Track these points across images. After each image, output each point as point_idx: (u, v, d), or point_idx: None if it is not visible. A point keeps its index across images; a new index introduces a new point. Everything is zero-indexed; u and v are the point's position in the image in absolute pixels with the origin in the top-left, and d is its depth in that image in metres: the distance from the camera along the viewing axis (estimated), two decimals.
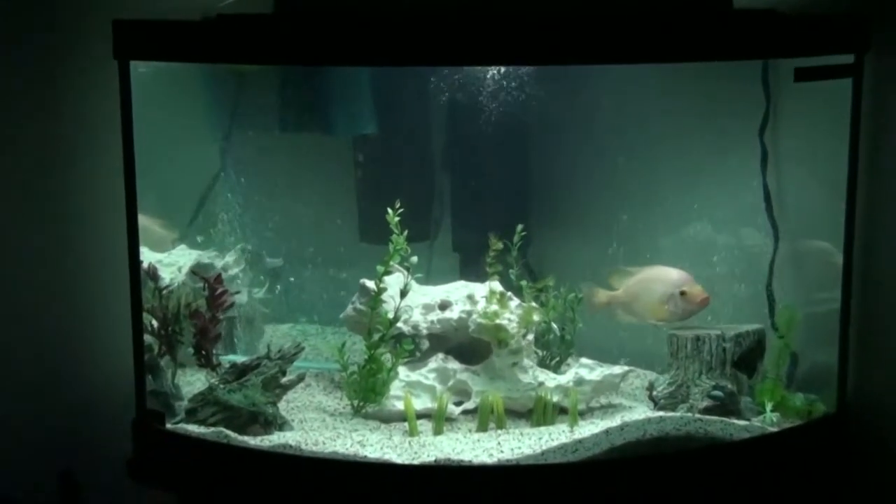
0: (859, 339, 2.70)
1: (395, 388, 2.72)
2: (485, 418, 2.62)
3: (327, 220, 3.05)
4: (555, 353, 2.86)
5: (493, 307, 2.74)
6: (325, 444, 2.47)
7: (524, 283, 2.79)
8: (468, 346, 2.81)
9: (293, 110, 3.00)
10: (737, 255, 2.84)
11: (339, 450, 2.45)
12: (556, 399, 2.66)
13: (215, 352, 2.73)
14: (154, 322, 2.69)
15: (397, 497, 2.41)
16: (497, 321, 2.73)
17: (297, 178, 3.04)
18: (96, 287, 3.02)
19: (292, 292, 3.13)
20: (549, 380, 2.74)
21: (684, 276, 2.72)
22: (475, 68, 2.77)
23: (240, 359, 2.75)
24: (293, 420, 2.65)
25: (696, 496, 2.50)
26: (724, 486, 2.52)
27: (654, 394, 2.70)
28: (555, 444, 2.44)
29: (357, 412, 2.73)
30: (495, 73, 2.78)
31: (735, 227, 2.85)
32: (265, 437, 2.53)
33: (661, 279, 2.74)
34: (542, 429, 2.58)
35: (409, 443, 2.50)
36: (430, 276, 2.89)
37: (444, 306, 2.82)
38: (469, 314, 2.78)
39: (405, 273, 2.73)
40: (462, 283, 2.86)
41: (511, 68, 2.76)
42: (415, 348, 2.76)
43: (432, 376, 2.76)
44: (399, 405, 2.69)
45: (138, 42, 2.53)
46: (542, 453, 2.42)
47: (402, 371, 2.75)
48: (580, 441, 2.43)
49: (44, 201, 3.05)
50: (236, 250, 3.04)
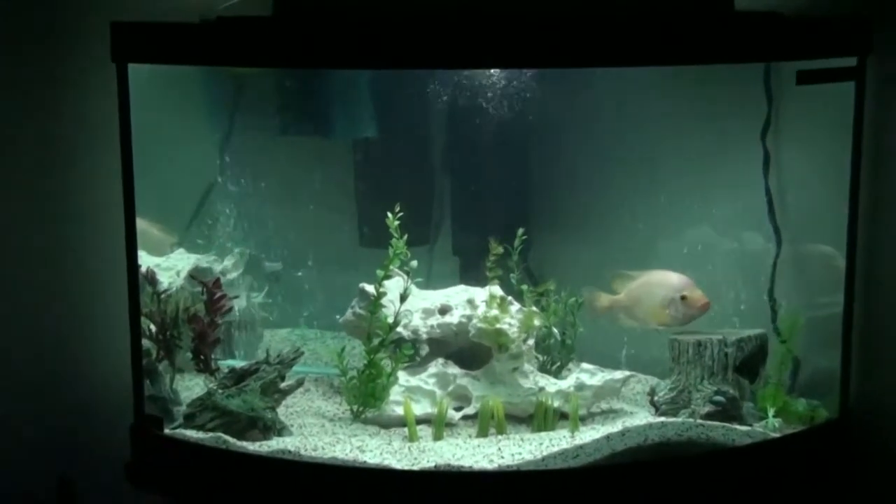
0: (862, 343, 2.70)
1: (395, 393, 2.72)
2: (485, 423, 2.61)
3: (326, 224, 3.05)
4: (556, 357, 2.85)
5: (494, 312, 2.73)
6: (324, 449, 2.47)
7: (525, 287, 2.78)
8: (468, 350, 2.80)
9: (292, 113, 2.99)
10: (739, 259, 2.84)
11: (339, 455, 2.44)
12: (556, 404, 2.65)
13: (214, 356, 2.74)
14: (152, 326, 2.69)
15: (397, 503, 2.40)
16: (497, 326, 2.72)
17: (297, 182, 3.04)
18: (94, 291, 3.02)
19: (291, 296, 3.12)
20: (550, 385, 2.74)
21: (685, 280, 2.71)
22: (475, 71, 2.77)
23: (238, 363, 2.75)
24: (292, 425, 2.65)
25: (698, 502, 2.49)
26: (726, 493, 2.51)
27: (656, 399, 2.70)
28: (555, 449, 2.43)
29: (356, 417, 2.73)
30: (495, 76, 2.78)
31: (737, 231, 2.84)
32: (264, 442, 2.52)
33: (663, 283, 2.73)
34: (543, 434, 2.58)
35: (409, 448, 2.50)
36: (430, 281, 2.88)
37: (444, 311, 2.82)
38: (469, 319, 2.77)
39: (405, 277, 2.73)
40: (462, 287, 2.85)
41: (511, 71, 2.76)
42: (414, 353, 2.76)
43: (432, 381, 2.75)
44: (399, 410, 2.68)
45: (137, 44, 2.53)
46: (543, 459, 2.41)
47: (402, 376, 2.74)
48: (581, 447, 2.43)
49: (42, 203, 3.04)
50: (235, 254, 3.04)
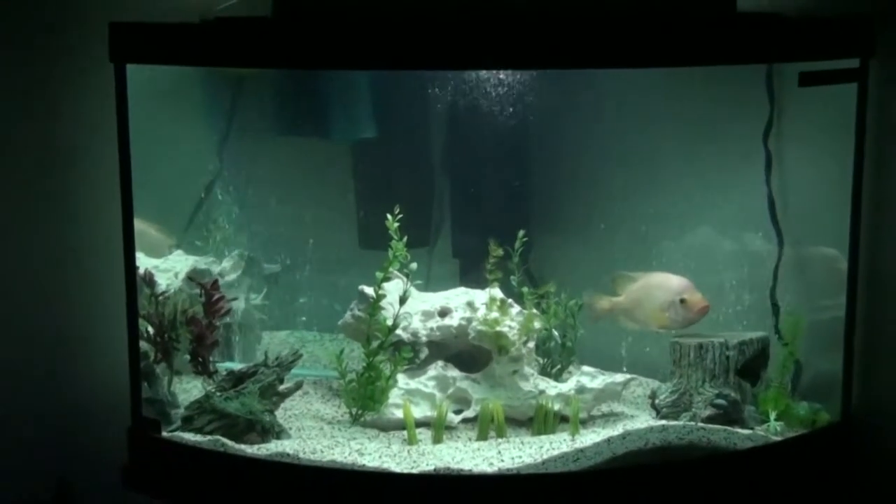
0: (864, 346, 2.69)
1: (394, 396, 2.71)
2: (485, 427, 2.60)
3: (325, 226, 3.04)
4: (556, 360, 2.85)
5: (494, 314, 2.72)
6: (322, 452, 2.46)
7: (525, 289, 2.77)
8: (468, 353, 2.79)
9: (291, 114, 3.00)
10: (740, 262, 2.83)
11: (338, 458, 2.44)
12: (557, 407, 2.65)
13: (212, 359, 2.73)
14: (150, 328, 2.68)
15: None
16: (497, 328, 2.71)
17: (296, 183, 3.04)
18: (92, 292, 3.01)
19: (290, 298, 3.12)
20: (550, 388, 2.73)
21: (685, 283, 2.71)
22: (475, 72, 2.76)
23: (237, 366, 2.74)
24: (291, 428, 2.64)
25: None
26: (728, 497, 2.51)
27: (657, 402, 2.69)
28: (556, 452, 2.43)
29: (355, 420, 2.72)
30: (496, 77, 2.77)
31: (739, 233, 2.84)
32: (262, 445, 2.52)
33: (662, 286, 2.73)
34: (543, 437, 2.57)
35: (408, 451, 2.49)
36: (430, 283, 2.88)
37: (443, 313, 2.81)
38: (469, 321, 2.77)
39: (404, 279, 2.72)
40: (462, 289, 2.84)
41: (512, 72, 2.75)
42: (414, 356, 2.75)
43: (432, 384, 2.74)
44: (398, 413, 2.67)
45: (135, 45, 2.52)
46: (543, 462, 2.41)
47: (401, 379, 2.73)
48: (581, 450, 2.42)
49: (40, 204, 3.03)
50: (233, 256, 3.03)
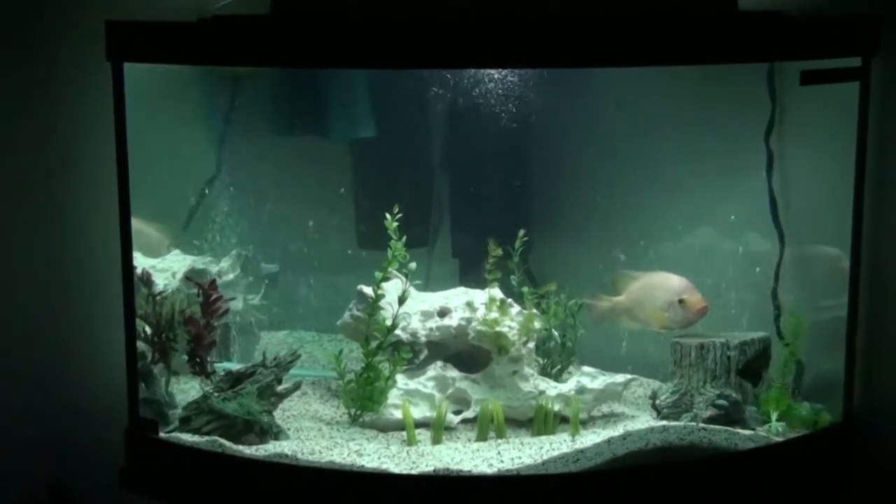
0: (866, 347, 2.68)
1: (393, 397, 2.70)
2: (484, 427, 2.60)
3: (324, 225, 3.03)
4: (556, 360, 2.84)
5: (494, 314, 2.71)
6: (321, 453, 2.46)
7: (525, 289, 2.76)
8: (468, 353, 2.79)
9: (289, 113, 2.99)
10: (742, 261, 2.83)
11: (336, 459, 2.43)
12: (557, 408, 2.64)
13: (210, 359, 2.72)
14: (147, 329, 2.68)
15: None
16: (497, 328, 2.70)
17: (294, 183, 3.03)
18: (89, 292, 3.00)
19: (288, 298, 3.11)
20: (550, 388, 2.73)
21: (684, 283, 2.70)
22: (475, 71, 2.75)
23: (235, 366, 2.74)
24: (289, 429, 2.64)
25: None
26: (729, 498, 2.50)
27: (658, 403, 2.69)
28: (556, 453, 2.43)
29: (354, 421, 2.72)
30: (495, 76, 2.76)
31: (740, 233, 2.84)
32: (260, 446, 2.52)
33: (662, 286, 2.72)
34: (543, 438, 2.57)
35: (408, 452, 2.49)
36: (429, 283, 2.87)
37: (443, 313, 2.81)
38: (469, 321, 2.76)
39: (403, 279, 2.72)
40: (462, 289, 2.84)
41: (512, 71, 2.74)
42: (413, 356, 2.74)
43: (431, 384, 2.74)
44: (397, 414, 2.67)
45: (132, 44, 2.52)
46: (543, 463, 2.40)
47: (401, 379, 2.73)
48: (582, 451, 2.42)
49: (36, 204, 3.02)
50: (231, 255, 3.03)
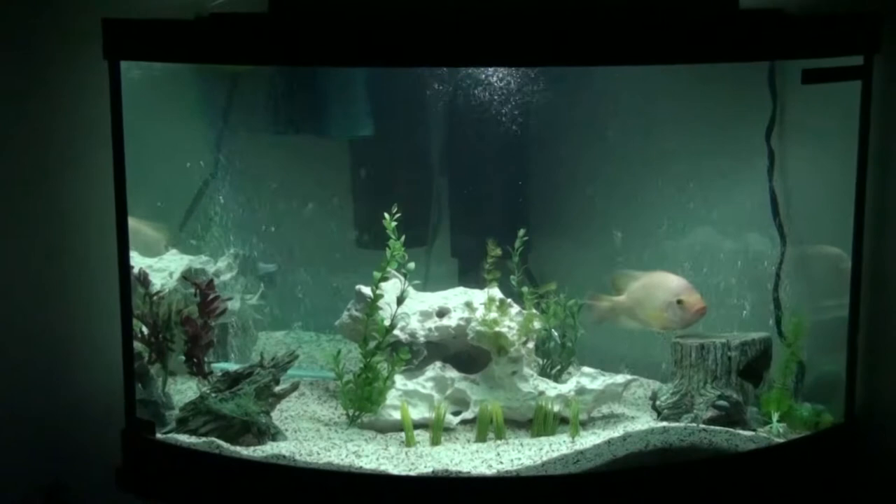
0: (868, 347, 2.68)
1: (392, 398, 2.70)
2: (484, 428, 2.59)
3: (323, 225, 3.03)
4: (556, 361, 2.84)
5: (493, 314, 2.70)
6: (319, 454, 2.45)
7: (525, 289, 2.75)
8: (467, 354, 2.79)
9: (288, 112, 2.98)
10: (743, 261, 2.82)
11: (334, 461, 2.43)
12: (556, 409, 2.64)
13: (207, 359, 2.71)
14: (144, 329, 2.67)
15: None
16: (496, 329, 2.70)
17: (292, 182, 3.03)
18: (85, 292, 2.99)
19: (286, 298, 3.11)
20: (550, 389, 2.72)
21: (683, 284, 2.70)
22: (475, 69, 2.75)
23: (232, 367, 2.74)
24: (287, 430, 2.64)
25: None
26: (730, 499, 2.50)
27: (658, 403, 2.69)
28: (555, 454, 2.42)
29: (352, 422, 2.71)
30: (495, 75, 2.75)
31: (741, 233, 2.84)
32: (258, 447, 2.51)
33: (661, 286, 2.72)
34: (543, 439, 2.56)
35: (406, 453, 2.48)
36: (428, 283, 2.87)
37: (441, 313, 2.81)
38: (468, 321, 2.76)
39: (402, 279, 2.71)
40: (461, 289, 2.84)
41: (512, 70, 2.74)
42: (412, 356, 2.73)
43: (430, 385, 2.73)
44: (395, 415, 2.66)
45: (129, 42, 2.51)
46: (543, 464, 2.40)
47: (399, 380, 2.73)
48: (581, 452, 2.42)
49: (32, 203, 3.01)
50: (229, 255, 3.03)
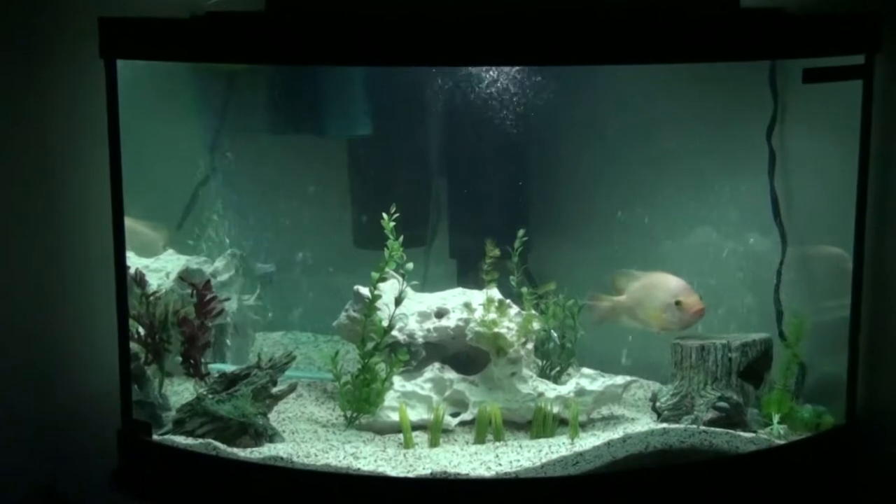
0: (869, 348, 2.67)
1: (390, 399, 2.70)
2: (483, 430, 2.59)
3: (320, 225, 3.03)
4: (555, 362, 2.83)
5: (492, 315, 2.70)
6: (317, 456, 2.45)
7: (524, 289, 2.74)
8: (465, 355, 2.78)
9: (285, 111, 2.98)
10: (743, 262, 2.83)
11: (332, 462, 2.42)
12: (556, 410, 2.64)
13: (204, 360, 2.71)
14: (140, 329, 2.67)
15: None
16: (496, 329, 2.69)
17: (290, 182, 3.03)
18: (81, 293, 2.98)
19: (284, 299, 3.11)
20: (549, 390, 2.72)
21: (682, 285, 2.70)
22: (474, 69, 2.74)
23: (229, 368, 2.74)
24: (284, 431, 2.63)
25: None
26: (730, 501, 2.49)
27: (658, 405, 2.69)
28: (555, 456, 2.42)
29: (350, 423, 2.71)
30: (494, 74, 2.75)
31: (741, 233, 2.83)
32: (255, 449, 2.51)
33: (660, 287, 2.72)
34: (542, 441, 2.56)
35: (404, 455, 2.48)
36: (427, 283, 2.87)
37: (440, 314, 2.80)
38: (466, 322, 2.75)
39: (400, 280, 2.70)
40: (459, 290, 2.84)
41: (511, 69, 2.74)
42: (410, 357, 2.73)
43: (428, 386, 2.73)
44: (394, 416, 2.66)
45: (125, 40, 2.51)
46: (542, 466, 2.40)
47: (397, 381, 2.72)
48: (581, 454, 2.41)
49: (27, 203, 2.99)
50: (226, 255, 3.02)
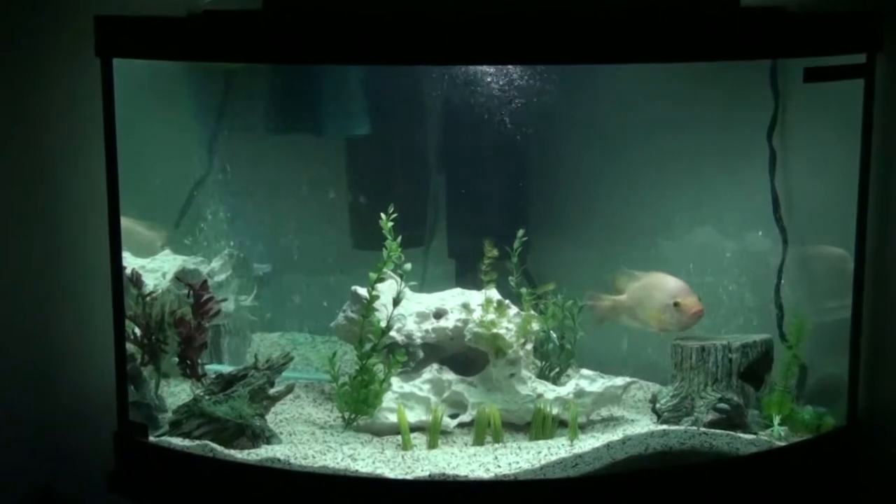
0: (871, 349, 2.67)
1: (388, 400, 2.69)
2: (481, 431, 2.59)
3: (318, 225, 3.03)
4: (554, 363, 2.83)
5: (491, 316, 2.69)
6: (314, 457, 2.45)
7: (524, 290, 2.73)
8: (464, 356, 2.78)
9: (282, 110, 2.98)
10: (744, 262, 2.82)
11: (330, 464, 2.42)
12: (555, 411, 2.63)
13: (200, 361, 2.71)
14: (137, 330, 2.67)
15: None
16: (494, 330, 2.69)
17: (287, 181, 3.02)
18: (77, 293, 2.99)
19: (281, 299, 3.10)
20: (549, 391, 2.71)
21: (681, 286, 2.70)
22: (472, 68, 2.73)
23: (226, 369, 2.74)
24: (282, 433, 2.63)
25: None
26: (730, 503, 2.48)
27: (658, 406, 2.68)
28: (554, 458, 2.42)
29: (348, 425, 2.70)
30: (493, 73, 2.74)
31: (742, 233, 2.83)
32: (252, 450, 2.50)
33: (659, 287, 2.72)
34: (541, 442, 2.56)
35: (403, 457, 2.48)
36: (425, 284, 2.87)
37: (438, 315, 2.80)
38: (465, 323, 2.75)
39: (398, 280, 2.70)
40: (458, 290, 2.83)
41: (510, 68, 2.73)
42: (408, 358, 2.72)
43: (426, 387, 2.72)
44: (392, 418, 2.65)
45: (122, 39, 2.51)
46: (541, 468, 2.39)
47: (395, 382, 2.71)
48: (580, 455, 2.41)
49: (24, 204, 3.00)
50: (223, 256, 3.02)
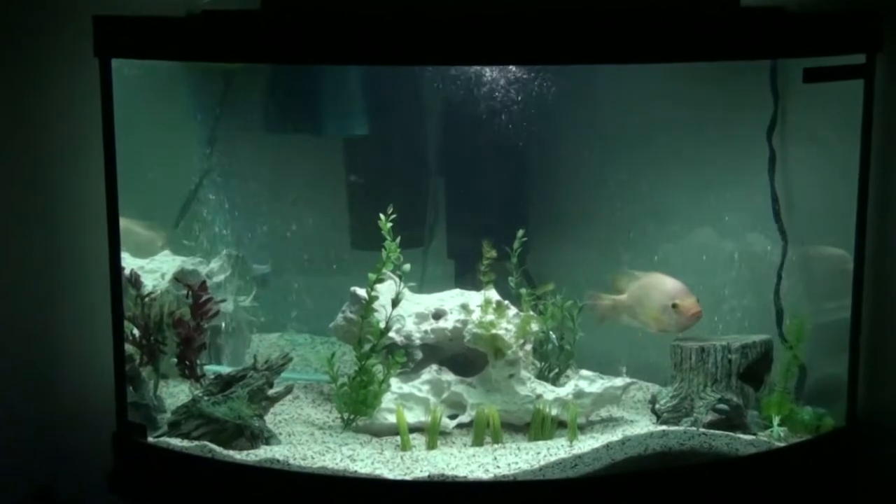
0: (870, 349, 2.67)
1: (387, 401, 2.69)
2: (480, 432, 2.59)
3: (317, 226, 3.03)
4: (553, 363, 2.82)
5: (490, 316, 2.69)
6: (313, 458, 2.45)
7: (523, 290, 2.73)
8: (463, 356, 2.78)
9: (281, 110, 2.97)
10: (744, 263, 2.82)
11: (329, 465, 2.42)
12: (554, 412, 2.63)
13: (199, 362, 2.71)
14: (135, 331, 2.67)
15: None
16: (493, 331, 2.68)
17: (286, 182, 3.02)
18: (76, 294, 2.98)
19: (280, 300, 3.10)
20: (548, 392, 2.71)
21: (679, 287, 2.70)
22: (471, 68, 2.74)
23: (225, 369, 2.74)
24: (281, 434, 2.63)
25: None
26: None
27: (657, 407, 2.68)
28: (553, 459, 2.41)
29: (347, 425, 2.70)
30: (492, 74, 2.75)
31: (742, 233, 2.83)
32: (251, 451, 2.50)
33: (658, 288, 2.72)
34: (541, 443, 2.56)
35: (402, 457, 2.48)
36: (424, 284, 2.87)
37: (438, 315, 2.80)
38: (464, 323, 2.75)
39: (397, 281, 2.70)
40: (457, 291, 2.83)
41: (509, 68, 2.73)
42: (407, 359, 2.72)
43: (426, 388, 2.72)
44: (391, 418, 2.65)
45: (120, 39, 2.51)
46: (541, 469, 2.39)
47: (395, 383, 2.71)
48: (580, 456, 2.41)
49: (22, 204, 2.99)
50: (222, 256, 3.02)
